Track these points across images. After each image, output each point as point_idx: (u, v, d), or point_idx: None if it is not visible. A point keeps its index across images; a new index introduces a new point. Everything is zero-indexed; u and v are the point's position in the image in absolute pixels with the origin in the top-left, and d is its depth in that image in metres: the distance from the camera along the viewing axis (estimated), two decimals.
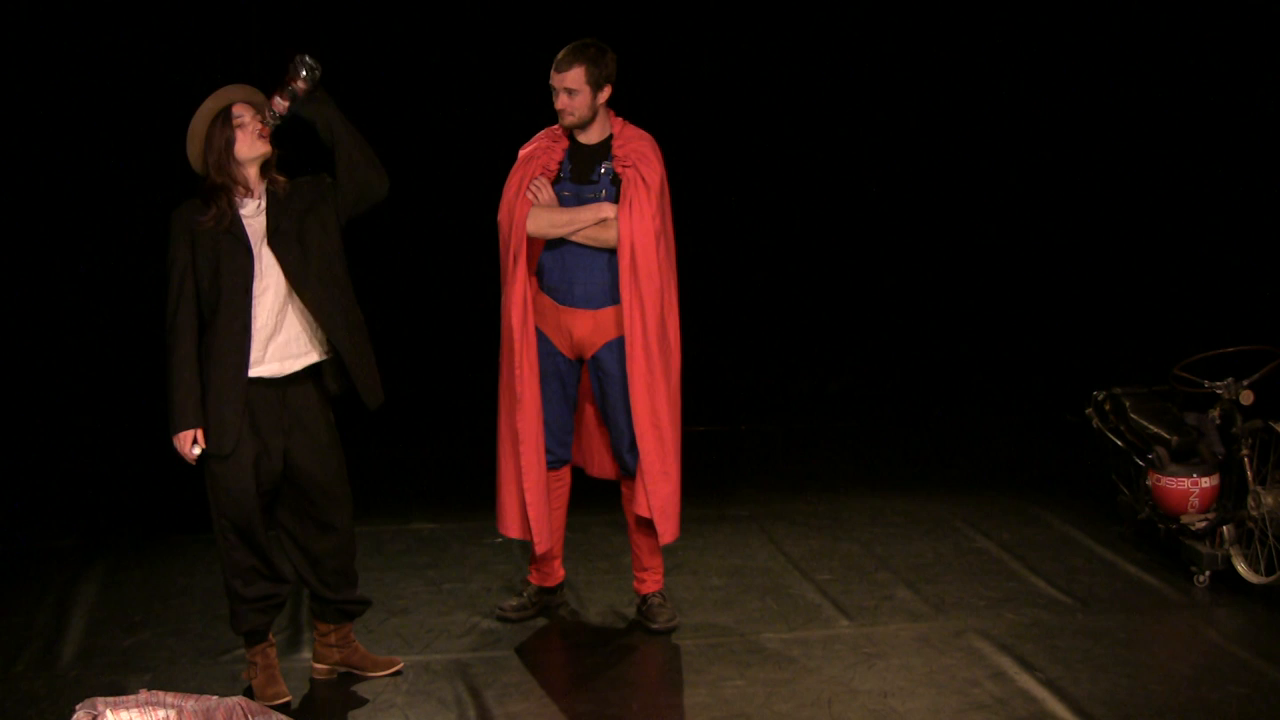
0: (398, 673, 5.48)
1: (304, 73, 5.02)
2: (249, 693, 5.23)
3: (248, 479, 5.09)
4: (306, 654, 5.59)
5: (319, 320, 5.13)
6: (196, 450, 5.05)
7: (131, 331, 8.47)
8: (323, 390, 5.24)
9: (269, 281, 5.09)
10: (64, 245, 8.48)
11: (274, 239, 5.10)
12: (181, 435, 5.05)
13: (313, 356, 5.19)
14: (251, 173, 5.11)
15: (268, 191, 5.14)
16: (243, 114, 5.06)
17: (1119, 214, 9.53)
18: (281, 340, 5.13)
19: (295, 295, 5.11)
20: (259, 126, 5.06)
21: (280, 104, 5.03)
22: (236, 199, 5.08)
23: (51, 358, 8.51)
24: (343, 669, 5.48)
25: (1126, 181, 9.49)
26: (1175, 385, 6.66)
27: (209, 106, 5.05)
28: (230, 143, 5.05)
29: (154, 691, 4.71)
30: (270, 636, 5.32)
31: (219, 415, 5.06)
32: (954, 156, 9.56)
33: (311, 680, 5.44)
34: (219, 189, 5.05)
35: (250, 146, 5.08)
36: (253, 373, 5.08)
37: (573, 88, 5.56)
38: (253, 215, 5.11)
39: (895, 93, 9.46)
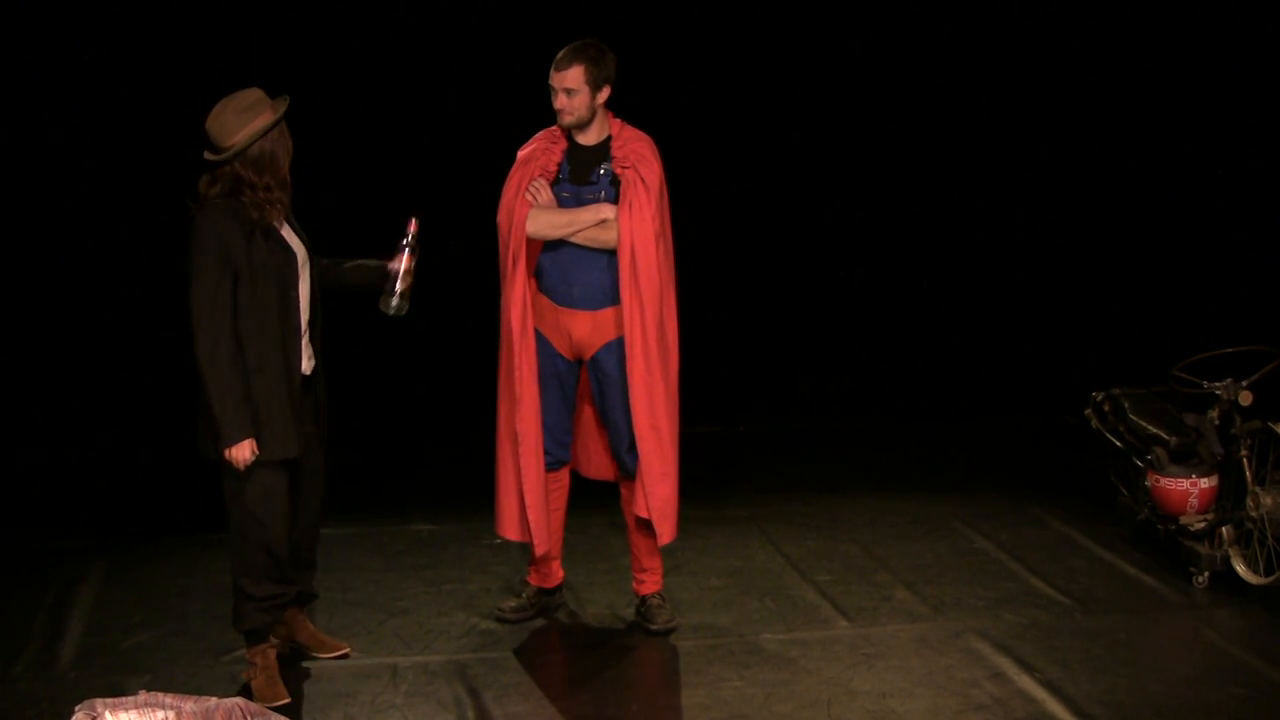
0: (344, 656, 5.55)
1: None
2: (248, 693, 5.23)
3: (285, 477, 5.15)
4: (303, 658, 5.59)
5: (315, 318, 5.27)
6: (253, 458, 5.03)
7: (132, 331, 8.47)
8: (320, 384, 5.34)
9: (302, 277, 5.17)
10: (63, 245, 8.47)
11: (303, 238, 5.21)
12: (244, 444, 4.98)
13: (312, 359, 5.28)
14: None
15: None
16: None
17: (1118, 214, 9.53)
18: (308, 338, 5.23)
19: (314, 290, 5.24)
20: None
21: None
22: (264, 196, 5.05)
23: (51, 358, 8.50)
24: (290, 645, 5.54)
25: (1126, 181, 9.48)
26: (1174, 386, 6.66)
27: (275, 117, 5.01)
28: (289, 153, 5.08)
29: (153, 693, 4.69)
30: (271, 638, 5.33)
31: (280, 420, 5.04)
32: (953, 156, 9.56)
33: (310, 682, 5.43)
34: (257, 186, 5.00)
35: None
36: None
37: (572, 87, 5.56)
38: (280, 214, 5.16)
39: (895, 92, 9.45)
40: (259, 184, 4.99)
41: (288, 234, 5.15)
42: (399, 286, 5.15)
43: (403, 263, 5.14)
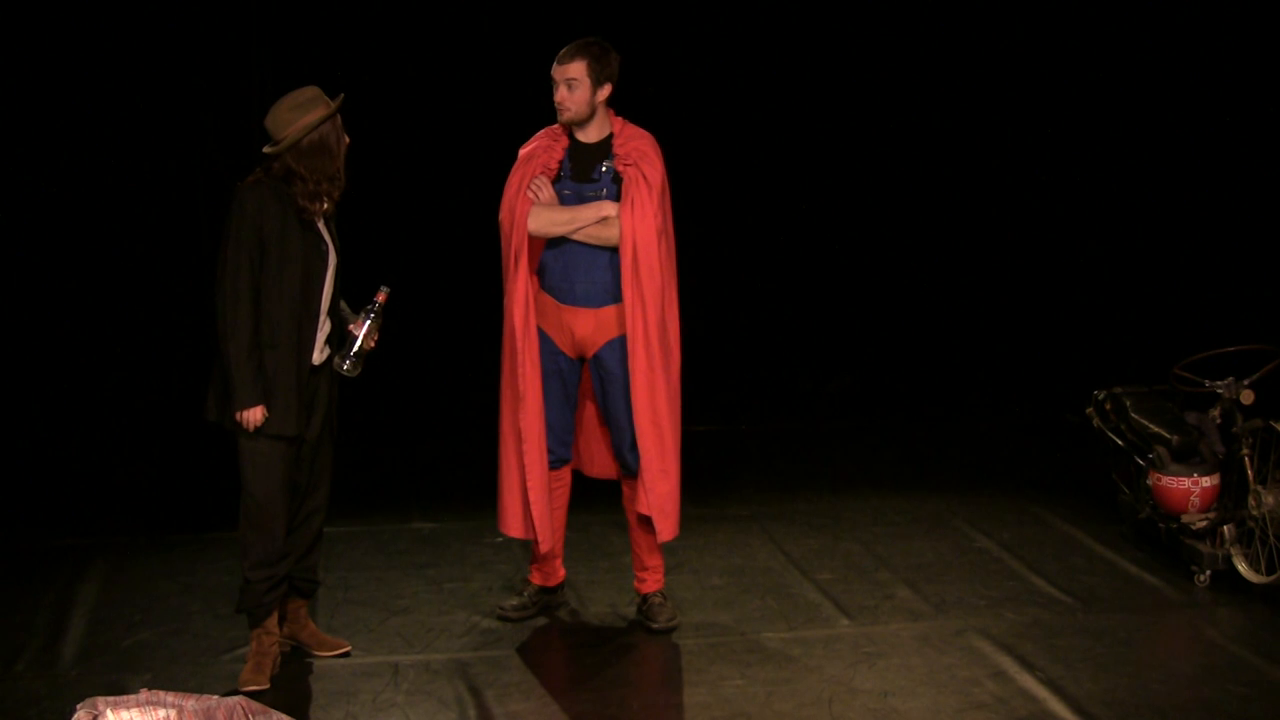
0: (345, 654, 5.55)
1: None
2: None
3: (284, 456, 5.21)
4: (305, 656, 5.59)
5: (331, 315, 5.36)
6: (263, 420, 5.14)
7: (132, 331, 8.47)
8: (333, 377, 5.40)
9: (327, 275, 5.27)
10: (63, 245, 8.48)
11: (337, 245, 5.32)
12: (258, 409, 5.11)
13: (325, 350, 5.37)
14: None
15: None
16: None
17: (1119, 214, 9.53)
18: (326, 330, 5.32)
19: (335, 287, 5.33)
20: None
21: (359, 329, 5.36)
22: (313, 189, 5.18)
23: (51, 357, 8.50)
24: (292, 643, 5.56)
25: (1126, 182, 9.49)
26: (1176, 385, 6.66)
27: (328, 112, 5.16)
28: (342, 148, 5.22)
29: (154, 691, 4.71)
30: (266, 624, 5.35)
31: (284, 397, 5.16)
32: (954, 157, 9.56)
33: (312, 680, 5.43)
34: (307, 179, 5.13)
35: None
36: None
37: (574, 78, 5.56)
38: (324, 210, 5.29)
39: (896, 93, 9.46)
40: (309, 177, 5.15)
41: (325, 234, 5.29)
42: (354, 350, 5.35)
43: (363, 330, 5.34)
